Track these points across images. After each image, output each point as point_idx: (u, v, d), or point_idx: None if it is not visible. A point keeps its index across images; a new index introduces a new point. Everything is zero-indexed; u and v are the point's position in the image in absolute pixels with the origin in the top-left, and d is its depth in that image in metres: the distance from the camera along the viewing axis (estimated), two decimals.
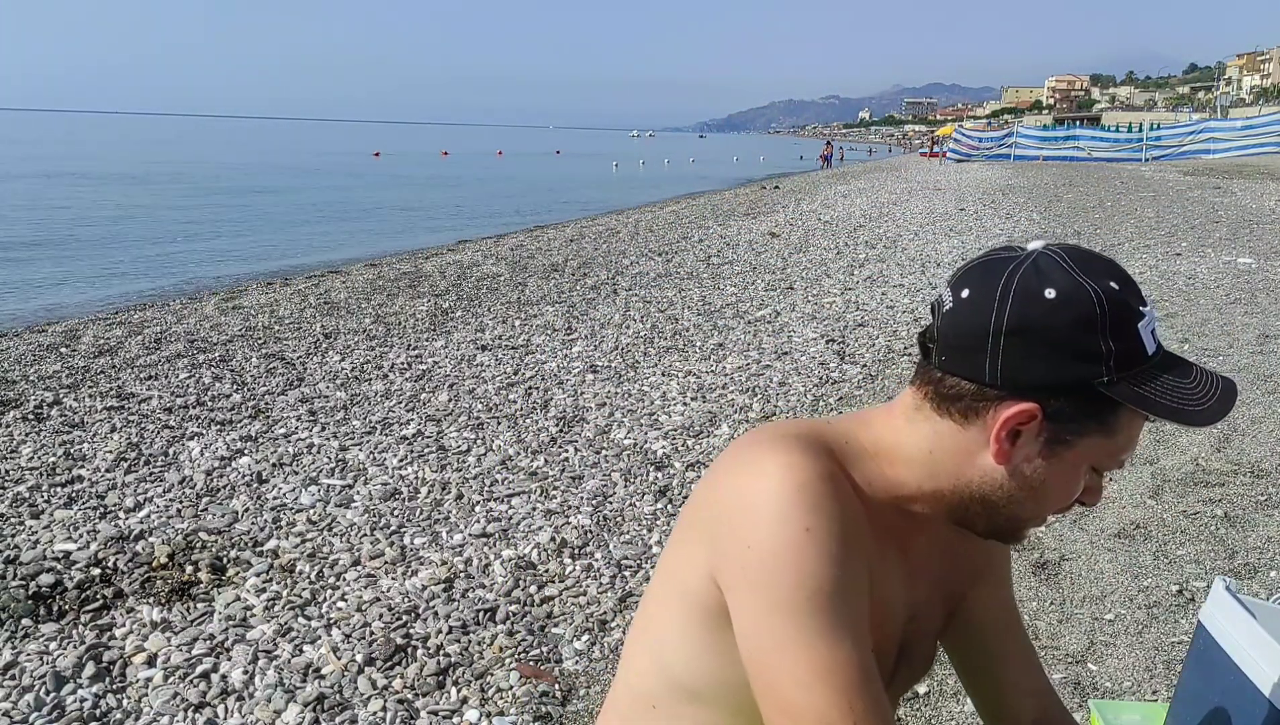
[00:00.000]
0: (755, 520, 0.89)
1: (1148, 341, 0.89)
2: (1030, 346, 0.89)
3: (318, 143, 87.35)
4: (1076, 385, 0.89)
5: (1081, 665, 2.62)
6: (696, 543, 0.96)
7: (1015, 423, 0.91)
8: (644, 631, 1.05)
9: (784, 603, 0.87)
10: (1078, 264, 0.90)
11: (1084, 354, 0.88)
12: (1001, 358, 0.90)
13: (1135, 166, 32.03)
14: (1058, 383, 0.89)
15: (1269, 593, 2.94)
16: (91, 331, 7.19)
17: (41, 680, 2.52)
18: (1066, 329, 0.88)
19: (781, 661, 0.88)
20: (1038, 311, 0.88)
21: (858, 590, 0.91)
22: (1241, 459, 4.10)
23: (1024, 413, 0.90)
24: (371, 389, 5.47)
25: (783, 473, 0.90)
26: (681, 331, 7.08)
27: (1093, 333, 0.87)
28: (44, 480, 3.96)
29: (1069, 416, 0.90)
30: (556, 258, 11.48)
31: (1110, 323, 0.88)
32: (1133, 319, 0.89)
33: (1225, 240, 11.39)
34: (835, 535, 0.89)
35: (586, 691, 2.57)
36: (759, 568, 0.88)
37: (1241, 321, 6.83)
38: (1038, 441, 0.92)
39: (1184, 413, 0.88)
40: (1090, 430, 0.90)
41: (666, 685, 1.02)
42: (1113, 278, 0.90)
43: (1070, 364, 0.88)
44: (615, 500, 3.86)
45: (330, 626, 2.83)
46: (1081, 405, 0.89)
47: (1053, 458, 0.92)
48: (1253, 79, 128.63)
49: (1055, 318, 0.88)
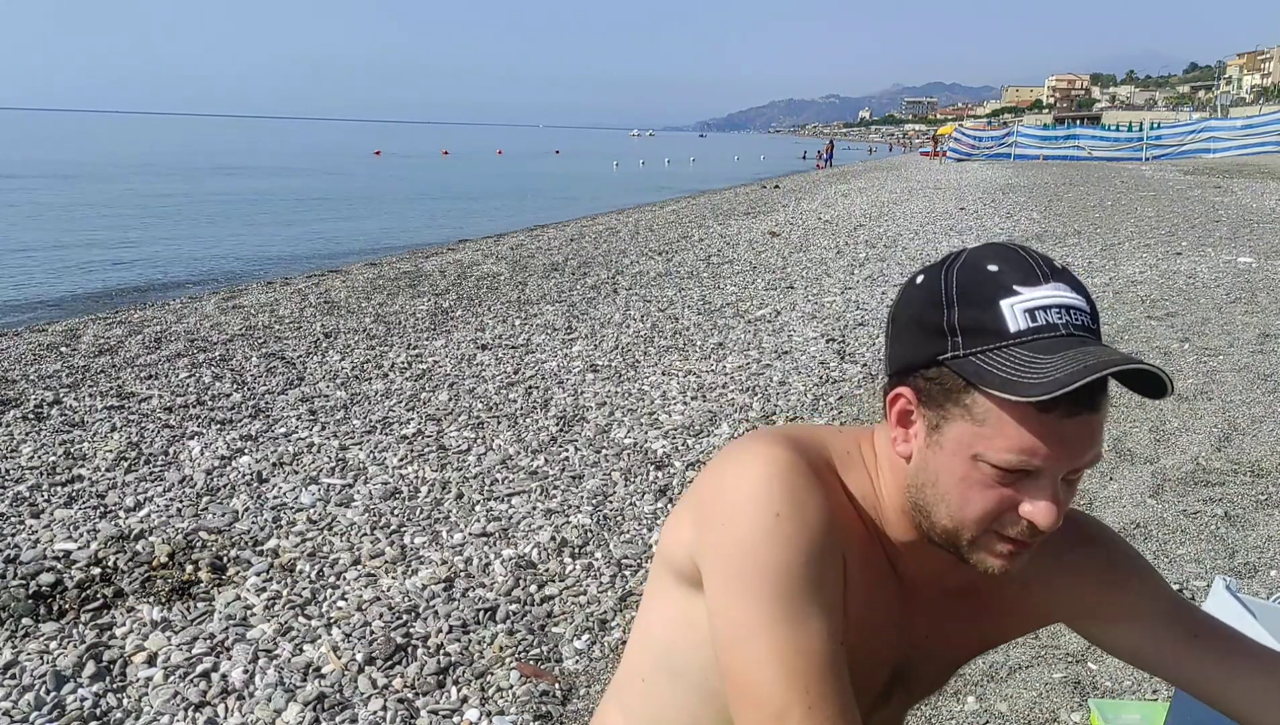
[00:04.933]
0: (730, 503, 0.92)
1: (1012, 320, 0.85)
2: (898, 329, 0.93)
3: (317, 142, 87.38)
4: (929, 362, 0.89)
5: (1081, 665, 2.62)
6: (686, 525, 0.98)
7: (895, 408, 0.93)
8: (641, 611, 1.09)
9: (750, 585, 0.89)
10: (970, 252, 0.91)
11: (933, 330, 0.88)
12: (889, 347, 0.94)
13: (1135, 166, 32.02)
14: (914, 361, 0.90)
15: (1269, 592, 2.94)
16: (92, 331, 7.19)
17: (42, 679, 2.52)
18: (921, 308, 0.90)
19: (743, 641, 0.89)
20: (907, 296, 0.92)
21: (828, 580, 0.91)
22: (1242, 458, 4.10)
23: (897, 396, 0.93)
24: (372, 388, 5.47)
25: (761, 461, 0.92)
26: (682, 331, 7.08)
27: (938, 308, 0.88)
28: (44, 479, 3.96)
29: (934, 397, 0.89)
30: (557, 257, 11.48)
31: (960, 299, 0.87)
32: (995, 295, 0.86)
33: (1225, 239, 11.39)
34: (806, 523, 0.90)
35: (586, 691, 2.57)
36: (729, 549, 0.90)
37: (1242, 321, 6.82)
38: (924, 428, 0.91)
39: (1010, 383, 0.82)
40: (954, 413, 0.88)
41: (653, 661, 1.05)
42: (996, 261, 0.88)
43: (922, 341, 0.89)
44: (615, 499, 3.86)
45: (330, 626, 2.83)
46: (942, 385, 0.88)
47: (933, 444, 0.90)
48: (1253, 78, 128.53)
49: (915, 299, 0.91)
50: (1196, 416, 4.66)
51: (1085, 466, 0.88)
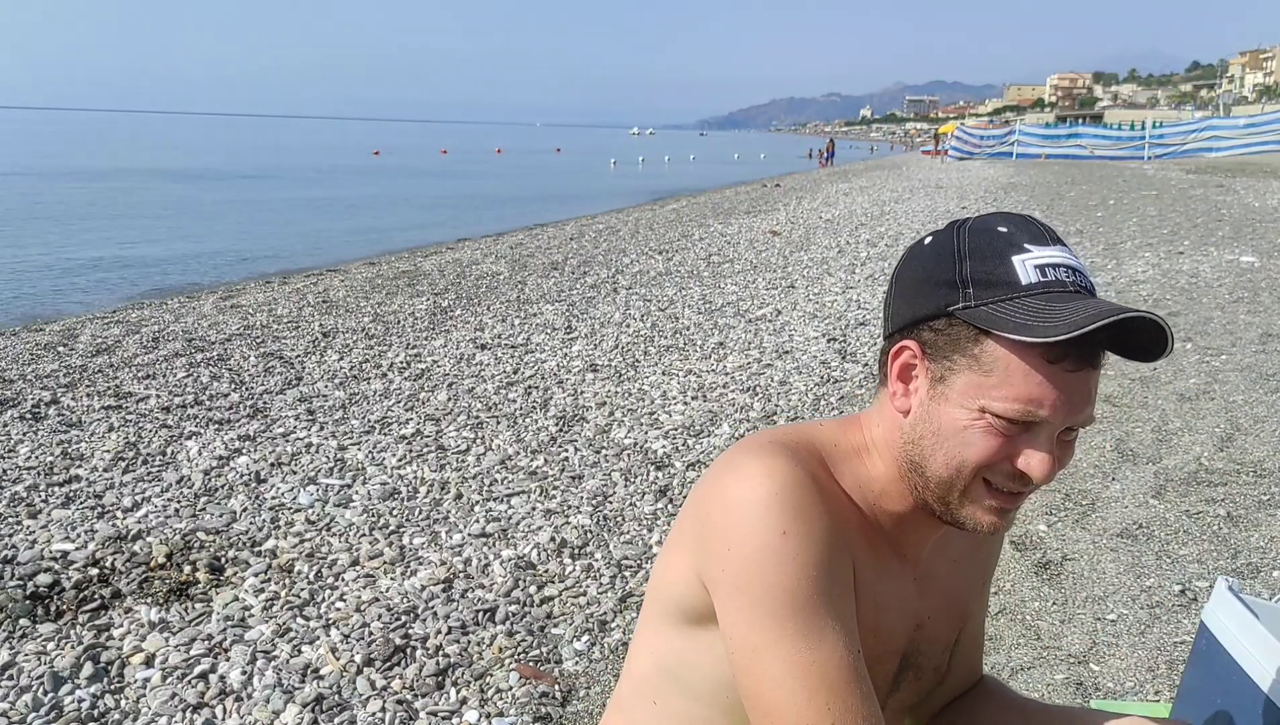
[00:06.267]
0: (735, 524, 0.91)
1: (1024, 273, 0.88)
2: (904, 287, 0.94)
3: (315, 141, 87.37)
4: (937, 313, 0.91)
5: (1084, 665, 2.60)
6: (685, 546, 0.97)
7: (898, 362, 0.94)
8: (644, 630, 1.07)
9: (761, 604, 0.89)
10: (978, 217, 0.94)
11: (943, 282, 0.90)
12: (892, 307, 0.96)
13: (1138, 165, 32.01)
14: (922, 313, 0.92)
15: (1271, 592, 2.93)
16: (89, 330, 7.18)
17: (39, 680, 2.51)
18: (929, 263, 0.92)
19: (760, 662, 0.89)
20: (914, 256, 0.95)
21: (840, 592, 0.91)
22: (1244, 458, 4.09)
23: (901, 348, 0.94)
24: (370, 388, 5.46)
25: (762, 477, 0.92)
26: (682, 330, 7.07)
27: (949, 261, 0.90)
28: (41, 480, 3.95)
29: (941, 349, 0.91)
30: (556, 256, 11.46)
31: (971, 252, 0.90)
32: (1006, 251, 0.89)
33: (1228, 238, 11.37)
34: (813, 538, 0.90)
35: (586, 692, 2.56)
36: (739, 570, 0.90)
37: (1244, 320, 6.81)
38: (927, 381, 0.93)
39: (1025, 327, 0.85)
40: (962, 365, 0.90)
41: (665, 681, 1.04)
42: (1004, 223, 0.92)
43: (931, 293, 0.91)
44: (615, 500, 3.85)
45: (329, 627, 2.81)
46: (949, 336, 0.90)
47: (938, 396, 0.92)
48: (1256, 77, 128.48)
49: (923, 257, 0.93)
50: (1199, 416, 4.65)
51: (1081, 424, 0.92)
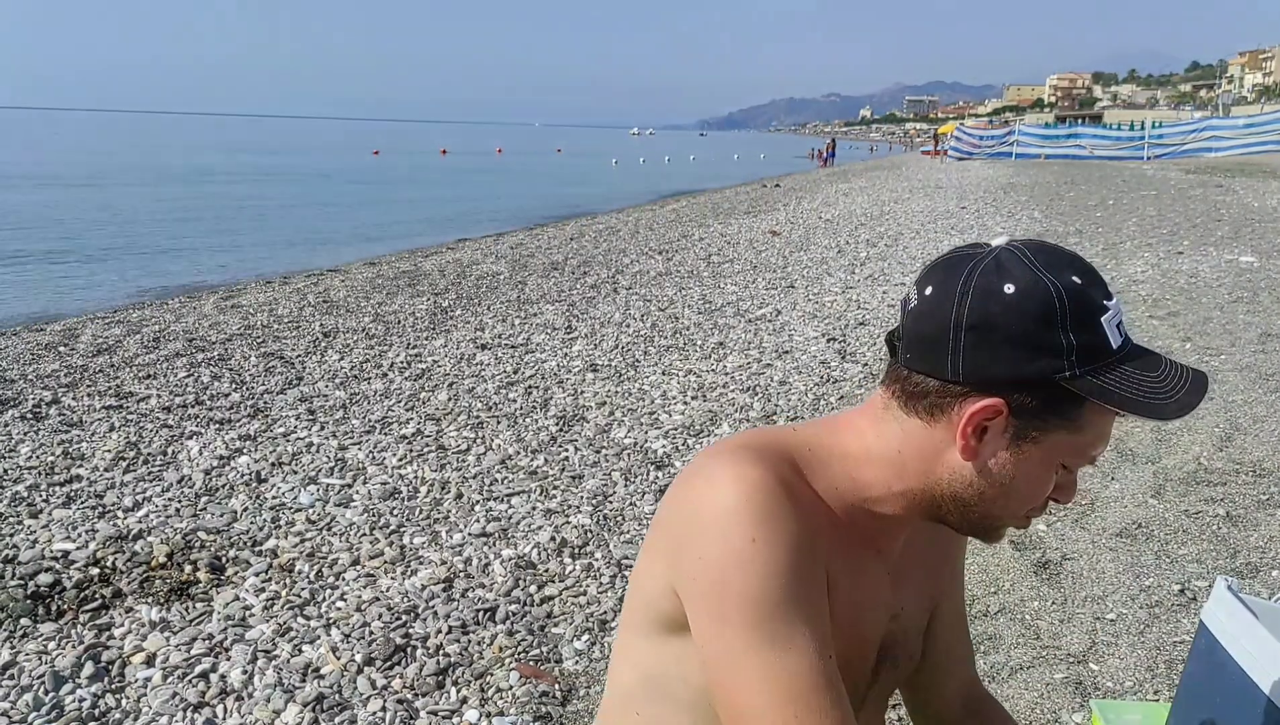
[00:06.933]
0: (704, 531, 0.91)
1: (1112, 335, 0.89)
2: (991, 342, 0.89)
3: (315, 141, 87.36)
4: (1040, 380, 0.89)
5: (1083, 665, 2.61)
6: (659, 555, 0.97)
7: (980, 418, 0.91)
8: (624, 640, 1.07)
9: (732, 612, 0.89)
10: (1039, 259, 0.90)
11: (1046, 348, 0.88)
12: (963, 354, 0.90)
13: (1137, 165, 32.00)
14: (1021, 378, 0.89)
15: (1271, 592, 2.93)
16: (90, 330, 7.18)
17: (40, 680, 2.51)
18: (1027, 324, 0.88)
19: (731, 670, 0.89)
20: (997, 307, 0.89)
21: (811, 597, 0.91)
22: (1243, 458, 4.09)
23: (989, 408, 0.91)
24: (371, 388, 5.46)
25: (730, 484, 0.91)
26: (682, 330, 7.07)
27: (1053, 327, 0.88)
28: (42, 479, 3.95)
29: (1034, 412, 0.90)
30: (556, 256, 11.47)
31: (1071, 316, 0.88)
32: (1096, 312, 0.89)
33: (1227, 239, 11.37)
34: (783, 544, 0.89)
35: (586, 691, 2.56)
36: (708, 578, 0.90)
37: (1244, 320, 6.81)
38: (1005, 437, 0.92)
39: (1150, 406, 0.88)
40: (1056, 426, 0.91)
41: (647, 691, 1.04)
42: (1075, 272, 0.90)
43: (1032, 359, 0.89)
44: (615, 499, 3.86)
45: (329, 626, 2.82)
46: (1046, 401, 0.90)
47: (1020, 455, 0.92)
48: (1255, 77, 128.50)
49: (1014, 313, 0.88)
50: (1198, 416, 4.65)
51: None
